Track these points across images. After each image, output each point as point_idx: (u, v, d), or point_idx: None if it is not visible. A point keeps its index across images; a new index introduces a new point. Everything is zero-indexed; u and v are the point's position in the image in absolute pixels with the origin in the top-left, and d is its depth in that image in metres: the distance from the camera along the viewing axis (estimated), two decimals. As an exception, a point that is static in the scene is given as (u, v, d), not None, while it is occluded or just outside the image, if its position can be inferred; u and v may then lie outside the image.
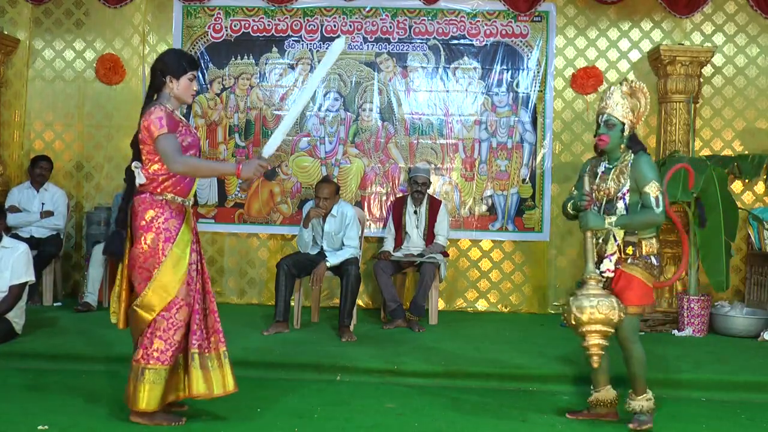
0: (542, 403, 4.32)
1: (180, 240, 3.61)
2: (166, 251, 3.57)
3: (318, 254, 5.96)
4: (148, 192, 3.64)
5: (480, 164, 7.09)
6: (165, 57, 3.73)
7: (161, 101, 3.66)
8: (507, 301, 7.12)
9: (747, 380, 4.63)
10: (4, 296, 5.05)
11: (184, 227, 3.65)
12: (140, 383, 3.56)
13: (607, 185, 3.77)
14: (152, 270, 3.57)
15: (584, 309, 3.59)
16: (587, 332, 3.63)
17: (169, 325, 3.56)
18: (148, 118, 3.57)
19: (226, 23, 7.13)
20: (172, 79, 3.65)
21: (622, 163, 3.76)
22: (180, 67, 3.66)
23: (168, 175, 3.62)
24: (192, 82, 3.70)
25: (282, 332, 5.61)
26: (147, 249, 3.58)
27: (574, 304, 3.64)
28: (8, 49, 7.14)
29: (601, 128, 3.80)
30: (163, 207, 3.62)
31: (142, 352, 3.57)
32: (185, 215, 3.69)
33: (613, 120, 3.75)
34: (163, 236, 3.58)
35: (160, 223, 3.60)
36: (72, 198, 7.22)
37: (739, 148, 6.92)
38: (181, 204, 3.68)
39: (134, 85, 7.24)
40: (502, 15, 7.04)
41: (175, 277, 3.58)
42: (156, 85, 3.69)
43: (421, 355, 5.04)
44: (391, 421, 3.91)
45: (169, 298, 3.56)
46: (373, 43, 7.10)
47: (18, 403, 4.01)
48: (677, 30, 7.00)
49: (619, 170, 3.74)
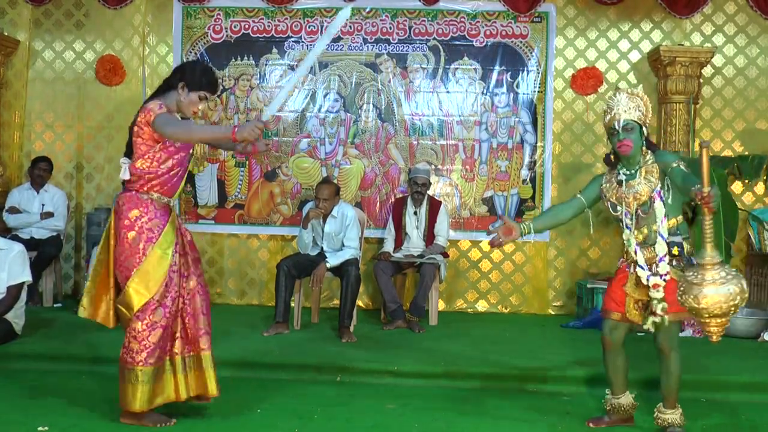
0: (542, 403, 4.31)
1: (162, 240, 3.57)
2: (147, 251, 3.54)
3: (318, 255, 5.96)
4: (134, 190, 3.61)
5: (480, 165, 7.09)
6: (192, 65, 3.74)
7: (164, 99, 3.63)
8: (507, 301, 7.11)
9: (747, 380, 4.63)
10: (2, 297, 5.04)
11: (168, 227, 3.61)
12: (123, 383, 3.55)
13: (637, 190, 3.61)
14: (132, 269, 3.53)
15: (734, 296, 3.10)
16: (718, 323, 3.17)
17: (143, 326, 3.52)
18: (146, 107, 3.55)
19: (226, 24, 7.13)
20: (185, 87, 3.63)
21: (646, 163, 3.63)
22: (198, 82, 3.64)
23: (155, 174, 3.59)
24: (201, 101, 3.67)
25: (282, 333, 5.61)
26: (128, 248, 3.55)
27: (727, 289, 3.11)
28: (8, 50, 7.15)
29: (620, 134, 3.60)
30: (148, 206, 3.59)
31: (122, 351, 3.58)
32: (170, 215, 3.66)
33: (632, 123, 3.60)
34: (145, 236, 3.55)
35: (143, 222, 3.56)
36: (72, 199, 7.22)
37: (739, 148, 6.92)
38: (166, 204, 3.65)
39: (134, 86, 7.24)
40: (502, 16, 7.04)
41: (154, 277, 3.53)
42: (170, 83, 3.68)
43: (421, 356, 5.04)
44: (391, 422, 3.90)
45: (147, 297, 3.52)
46: (373, 44, 7.10)
47: (18, 404, 4.01)
48: (677, 31, 7.00)
49: (646, 171, 3.61)
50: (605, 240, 7.02)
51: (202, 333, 3.70)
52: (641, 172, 3.65)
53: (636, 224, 3.65)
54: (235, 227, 7.16)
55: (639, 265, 3.62)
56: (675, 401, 3.73)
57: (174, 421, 3.67)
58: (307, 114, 7.14)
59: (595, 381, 4.59)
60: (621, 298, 3.71)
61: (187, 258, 3.72)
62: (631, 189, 3.66)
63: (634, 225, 3.65)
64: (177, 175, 3.67)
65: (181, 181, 3.71)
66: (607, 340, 3.79)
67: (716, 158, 6.49)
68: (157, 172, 3.59)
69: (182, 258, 3.68)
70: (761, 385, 4.58)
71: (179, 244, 3.67)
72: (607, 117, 3.67)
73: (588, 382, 4.61)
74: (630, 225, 3.65)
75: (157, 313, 3.55)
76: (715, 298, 3.08)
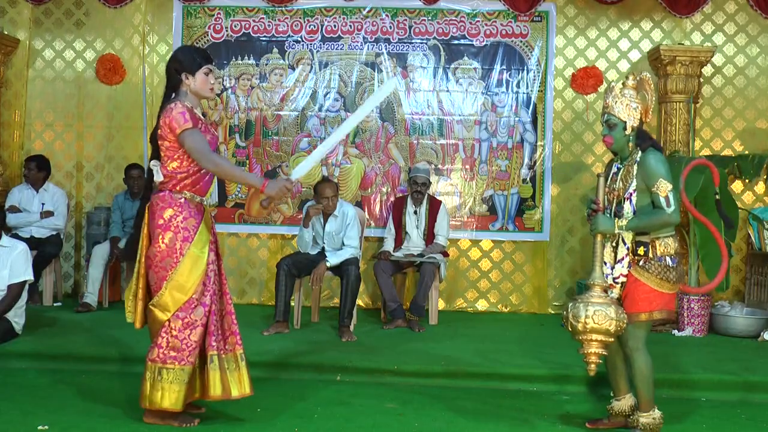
0: (542, 403, 4.32)
1: (198, 239, 3.58)
2: (183, 251, 3.54)
3: (318, 254, 5.96)
4: (167, 190, 3.60)
5: (480, 164, 7.08)
6: (178, 54, 3.68)
7: (180, 99, 3.61)
8: (507, 301, 7.11)
9: (747, 380, 4.63)
10: (3, 295, 5.04)
11: (202, 226, 3.62)
12: (158, 383, 3.51)
13: (617, 186, 3.63)
14: (169, 270, 3.53)
15: (579, 317, 3.44)
16: (584, 340, 3.49)
17: (184, 325, 3.53)
18: (170, 115, 3.53)
19: (227, 23, 7.13)
20: (188, 75, 3.62)
21: (629, 162, 3.61)
22: (194, 62, 3.62)
23: (187, 173, 3.59)
24: (208, 75, 3.65)
25: (282, 332, 5.61)
26: (164, 248, 3.54)
27: (571, 311, 3.49)
28: (8, 49, 7.14)
29: (604, 129, 3.68)
30: (182, 206, 3.58)
31: (158, 351, 3.54)
32: (203, 214, 3.65)
33: (614, 119, 3.61)
34: (181, 235, 3.55)
35: (178, 222, 3.56)
36: (72, 198, 7.22)
37: (739, 148, 6.91)
38: (199, 203, 3.65)
39: (134, 85, 7.24)
40: (502, 15, 7.04)
41: (192, 277, 3.54)
42: (173, 84, 3.66)
43: (421, 355, 5.04)
44: (391, 421, 3.91)
45: (186, 298, 3.53)
46: (373, 44, 7.10)
47: (18, 403, 4.01)
48: (677, 30, 6.99)
49: (626, 170, 3.61)
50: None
51: (235, 331, 3.71)
52: (623, 170, 3.64)
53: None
54: (236, 226, 7.15)
55: (604, 262, 3.61)
56: (648, 403, 3.65)
57: (197, 421, 3.66)
58: (307, 113, 7.14)
59: (594, 381, 4.59)
60: None
61: (218, 257, 3.75)
62: (614, 183, 3.67)
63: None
64: (208, 174, 3.66)
65: (212, 180, 3.73)
66: None
67: (716, 157, 6.48)
68: (189, 171, 3.59)
69: (216, 256, 3.71)
70: (761, 385, 4.58)
71: (214, 242, 3.69)
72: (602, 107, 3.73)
73: (588, 382, 4.61)
74: None
75: (197, 312, 3.55)
76: (595, 317, 3.43)
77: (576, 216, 7.06)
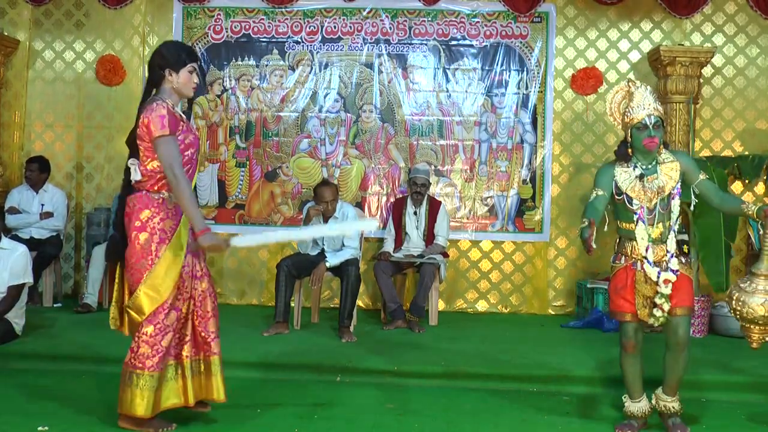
0: (542, 403, 4.32)
1: (175, 241, 3.49)
2: (159, 253, 3.44)
3: (318, 255, 5.96)
4: (144, 190, 3.51)
5: (480, 165, 7.09)
6: (163, 49, 3.56)
7: (161, 96, 3.53)
8: (507, 301, 7.11)
9: (747, 380, 4.63)
10: (2, 297, 5.04)
11: (180, 228, 3.52)
12: (128, 387, 3.45)
13: (660, 183, 3.64)
14: (143, 271, 3.43)
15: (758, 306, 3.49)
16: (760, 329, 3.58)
17: (156, 330, 3.44)
18: (149, 116, 3.43)
19: (227, 24, 7.13)
20: (172, 72, 3.51)
21: (666, 159, 3.67)
22: (179, 60, 3.51)
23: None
24: (192, 74, 3.55)
25: (282, 333, 5.61)
26: (139, 249, 3.45)
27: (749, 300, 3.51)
28: (8, 50, 7.15)
29: (651, 130, 3.59)
30: (159, 206, 3.49)
31: (130, 355, 3.48)
32: (182, 216, 3.53)
33: (660, 120, 3.63)
34: (157, 237, 3.45)
35: (155, 223, 3.46)
36: (72, 199, 7.22)
37: (739, 148, 6.91)
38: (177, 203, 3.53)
39: (134, 86, 7.23)
40: (502, 16, 7.04)
41: (167, 279, 3.45)
42: (154, 80, 3.55)
43: (421, 356, 5.04)
44: (391, 422, 3.91)
45: (160, 300, 3.44)
46: (373, 44, 7.10)
47: (18, 404, 4.02)
48: (677, 30, 7.00)
49: (666, 166, 3.66)
50: (605, 239, 6.95)
51: (213, 337, 3.63)
52: (661, 168, 3.67)
53: (651, 220, 3.65)
54: (236, 227, 7.14)
55: (648, 261, 3.63)
56: (677, 390, 3.78)
57: (174, 426, 3.61)
58: (307, 114, 7.14)
59: (594, 381, 4.60)
60: (631, 297, 3.68)
61: (198, 258, 3.63)
62: (652, 183, 3.65)
63: (650, 221, 3.65)
64: (188, 173, 3.54)
65: (192, 178, 3.61)
66: (632, 343, 3.74)
67: (716, 158, 6.49)
68: None
69: (194, 258, 3.60)
70: (761, 385, 4.58)
71: (191, 245, 3.57)
72: (636, 111, 3.63)
73: (588, 382, 4.61)
74: (645, 220, 3.65)
75: (170, 317, 3.48)
76: (760, 307, 3.44)
77: (576, 216, 7.05)
